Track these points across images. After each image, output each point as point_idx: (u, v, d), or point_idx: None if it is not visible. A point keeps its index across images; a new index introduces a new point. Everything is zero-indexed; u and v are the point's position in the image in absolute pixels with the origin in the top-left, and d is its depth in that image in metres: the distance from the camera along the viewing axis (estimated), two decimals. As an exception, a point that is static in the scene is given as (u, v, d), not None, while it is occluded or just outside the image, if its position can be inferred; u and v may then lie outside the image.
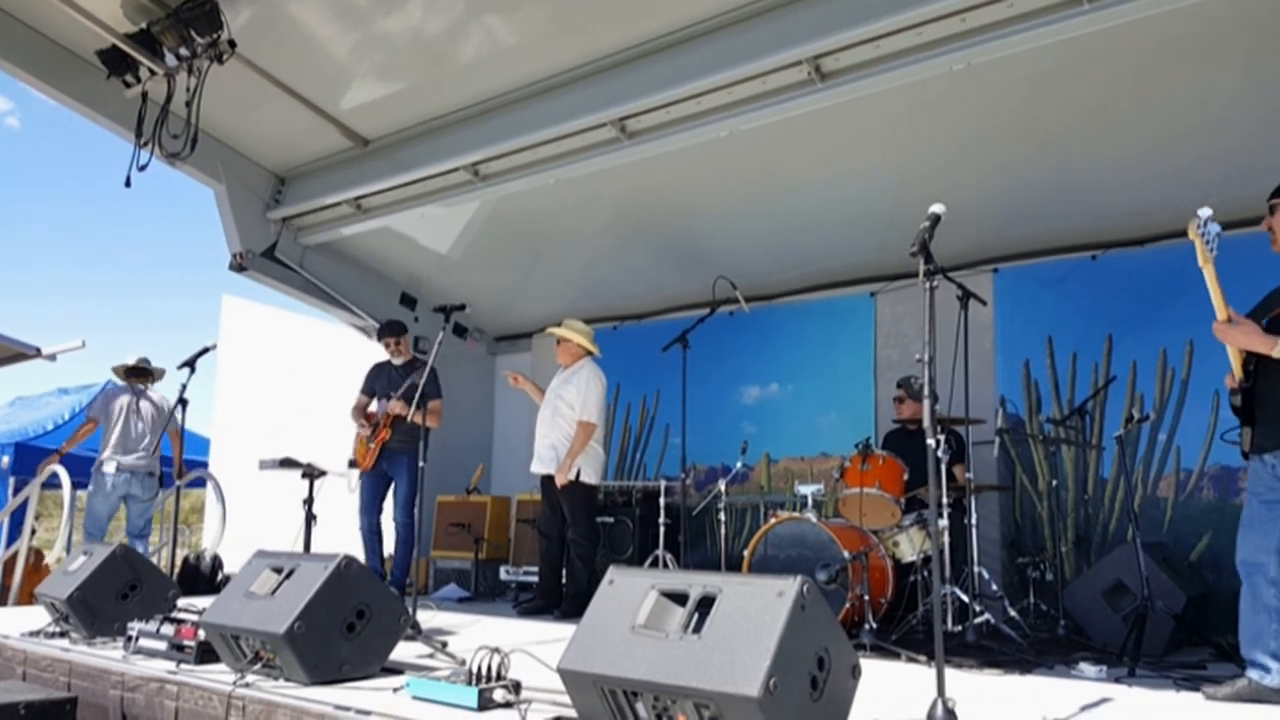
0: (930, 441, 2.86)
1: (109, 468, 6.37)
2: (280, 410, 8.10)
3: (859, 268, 6.66)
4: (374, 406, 6.30)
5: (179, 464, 6.59)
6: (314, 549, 4.57)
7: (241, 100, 5.97)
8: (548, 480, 5.78)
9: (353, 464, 5.10)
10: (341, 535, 5.94)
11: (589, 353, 5.90)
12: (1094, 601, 4.70)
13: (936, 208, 3.03)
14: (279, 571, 3.55)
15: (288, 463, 4.70)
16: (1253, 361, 3.28)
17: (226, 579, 6.40)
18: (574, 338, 5.86)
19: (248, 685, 3.18)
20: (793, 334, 7.11)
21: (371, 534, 6.21)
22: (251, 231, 6.83)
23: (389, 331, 6.37)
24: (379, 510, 6.20)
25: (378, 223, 6.64)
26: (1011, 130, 5.09)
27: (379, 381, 6.34)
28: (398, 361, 6.34)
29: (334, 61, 5.57)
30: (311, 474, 4.68)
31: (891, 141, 5.31)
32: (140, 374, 6.77)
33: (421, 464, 4.64)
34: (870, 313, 6.78)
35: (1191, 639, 4.49)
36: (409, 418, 5.83)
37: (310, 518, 4.64)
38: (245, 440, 7.74)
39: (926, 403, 2.83)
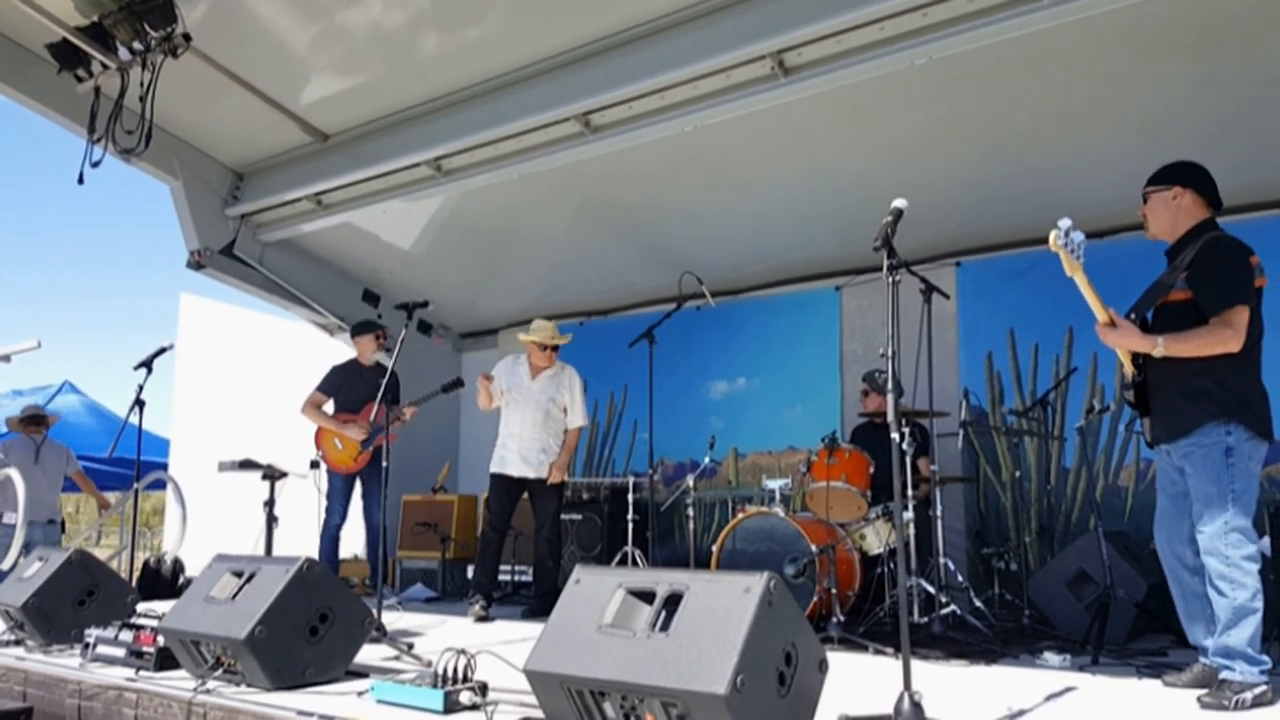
0: (894, 435, 2.87)
1: (8, 519, 6.35)
2: (241, 410, 7.98)
3: (824, 262, 6.69)
4: (330, 406, 6.22)
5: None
6: (276, 551, 4.50)
7: (198, 95, 5.86)
8: (520, 481, 5.63)
9: (315, 464, 5.02)
10: (304, 537, 5.86)
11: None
12: (1058, 591, 4.75)
13: (899, 202, 3.04)
14: (240, 575, 3.50)
15: (248, 464, 4.63)
16: (1141, 356, 3.34)
17: (188, 582, 6.29)
18: (559, 340, 5.81)
19: (208, 692, 3.13)
20: (759, 328, 7.12)
21: (337, 535, 6.15)
22: (209, 228, 6.71)
23: (370, 328, 6.24)
24: (347, 512, 6.16)
25: (339, 219, 6.56)
26: (973, 125, 5.13)
27: (350, 383, 6.15)
28: (369, 363, 6.23)
29: (292, 55, 5.48)
30: (272, 475, 4.61)
31: (855, 136, 5.33)
32: (34, 422, 6.82)
33: (385, 464, 4.62)
34: (835, 307, 6.81)
35: (1153, 626, 4.55)
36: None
37: (271, 520, 4.56)
38: (205, 441, 7.62)
39: (890, 396, 2.84)
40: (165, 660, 3.53)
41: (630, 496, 6.13)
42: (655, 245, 6.80)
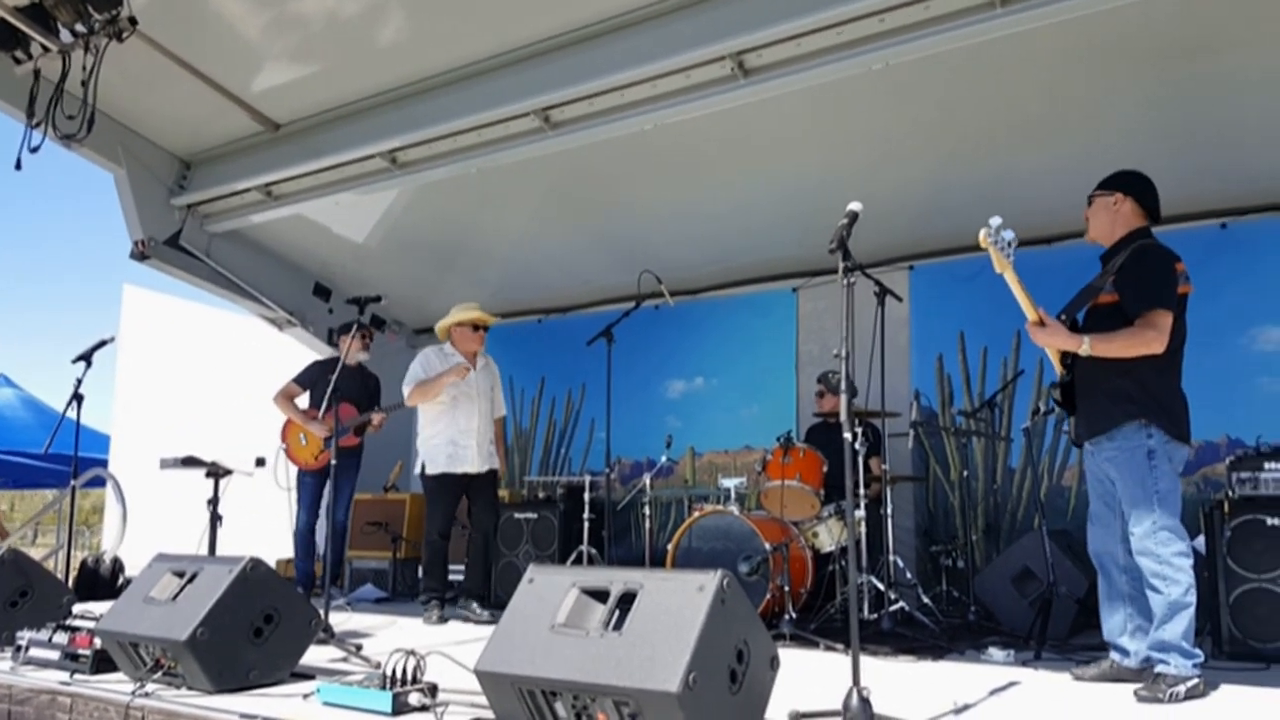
0: (847, 435, 2.90)
1: None
2: (185, 406, 7.82)
3: (781, 263, 6.73)
4: (302, 400, 6.18)
5: None
6: (219, 551, 4.41)
7: (144, 81, 5.70)
8: (468, 478, 5.50)
9: (260, 462, 4.92)
10: (251, 537, 5.76)
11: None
12: (1002, 587, 4.85)
13: (854, 205, 3.07)
14: (181, 575, 3.43)
15: (191, 461, 4.52)
16: (1070, 355, 3.45)
17: (128, 583, 6.15)
18: (490, 320, 5.67)
19: (147, 695, 3.05)
20: (717, 328, 7.15)
21: (310, 533, 6.09)
22: (154, 218, 6.52)
23: (360, 328, 6.10)
24: (319, 510, 6.08)
25: (289, 210, 6.42)
26: (928, 131, 5.20)
27: (327, 380, 5.90)
28: (352, 363, 6.17)
29: (244, 42, 5.36)
30: (216, 473, 4.50)
31: (813, 139, 5.37)
32: None
33: (333, 462, 4.57)
34: (792, 308, 6.85)
35: (1093, 622, 4.61)
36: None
37: (215, 519, 4.46)
38: (148, 437, 7.44)
39: (843, 397, 2.87)
40: (102, 663, 3.43)
41: (587, 495, 6.11)
42: (614, 244, 6.79)
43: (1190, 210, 5.44)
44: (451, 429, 5.50)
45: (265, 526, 6.73)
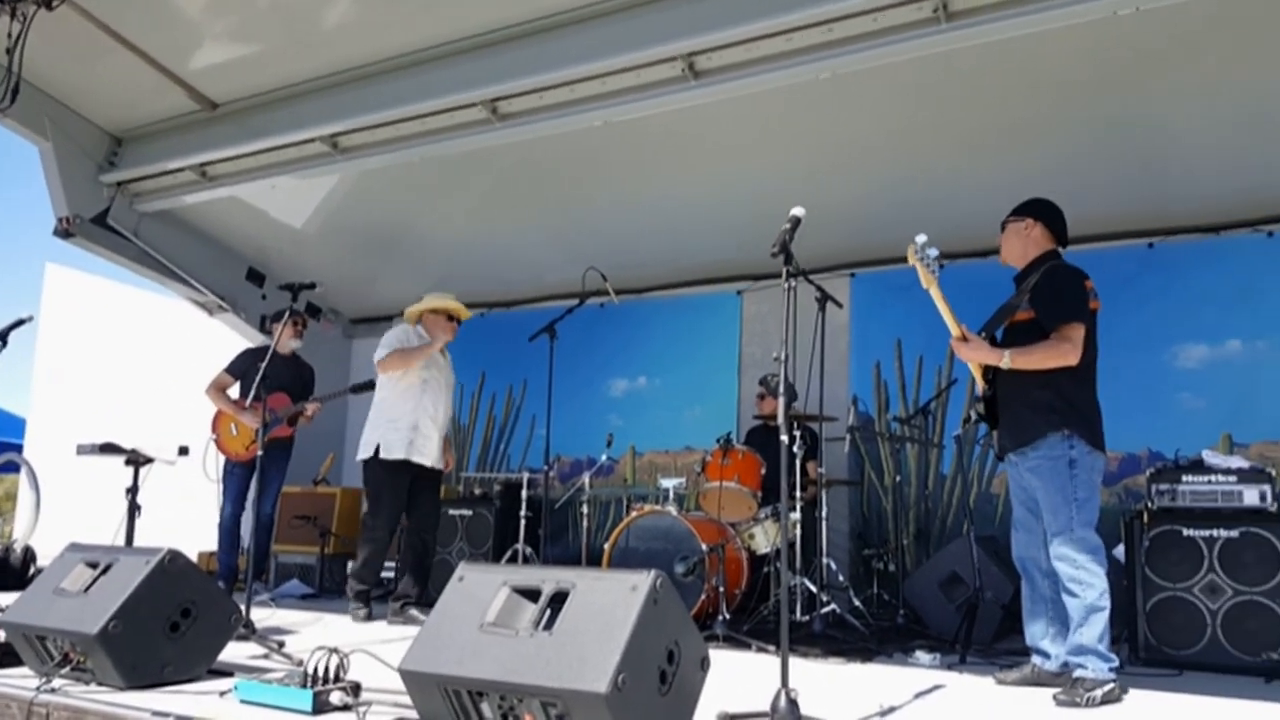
0: (784, 438, 2.91)
1: None
2: (107, 391, 7.55)
3: (726, 265, 6.75)
4: (234, 391, 6.04)
5: None
6: (138, 543, 4.26)
7: (75, 53, 5.49)
8: (423, 471, 5.18)
9: (184, 451, 4.76)
10: (173, 528, 5.58)
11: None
12: (931, 592, 4.93)
13: (797, 210, 3.10)
14: (94, 566, 3.30)
15: (109, 448, 4.35)
16: (992, 371, 3.59)
17: (39, 573, 5.92)
18: (465, 315, 5.46)
19: (54, 691, 2.93)
20: (661, 328, 7.15)
21: (236, 526, 5.95)
22: (81, 195, 6.29)
23: (294, 315, 5.94)
24: (245, 502, 5.93)
25: (224, 192, 6.25)
26: (873, 141, 5.27)
27: (268, 369, 5.86)
28: (285, 351, 6.04)
29: (183, 18, 5.19)
30: (136, 461, 4.34)
31: (761, 143, 5.40)
32: None
33: (260, 453, 4.49)
34: (736, 310, 6.89)
35: (1017, 627, 4.71)
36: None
37: (134, 508, 4.30)
38: (66, 422, 7.17)
39: (780, 400, 2.89)
40: (5, 657, 3.30)
41: (524, 493, 6.05)
42: (561, 239, 6.74)
43: (1120, 229, 5.62)
44: (418, 414, 5.14)
45: (187, 518, 6.53)
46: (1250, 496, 4.15)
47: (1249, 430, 5.19)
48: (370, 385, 5.85)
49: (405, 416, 5.11)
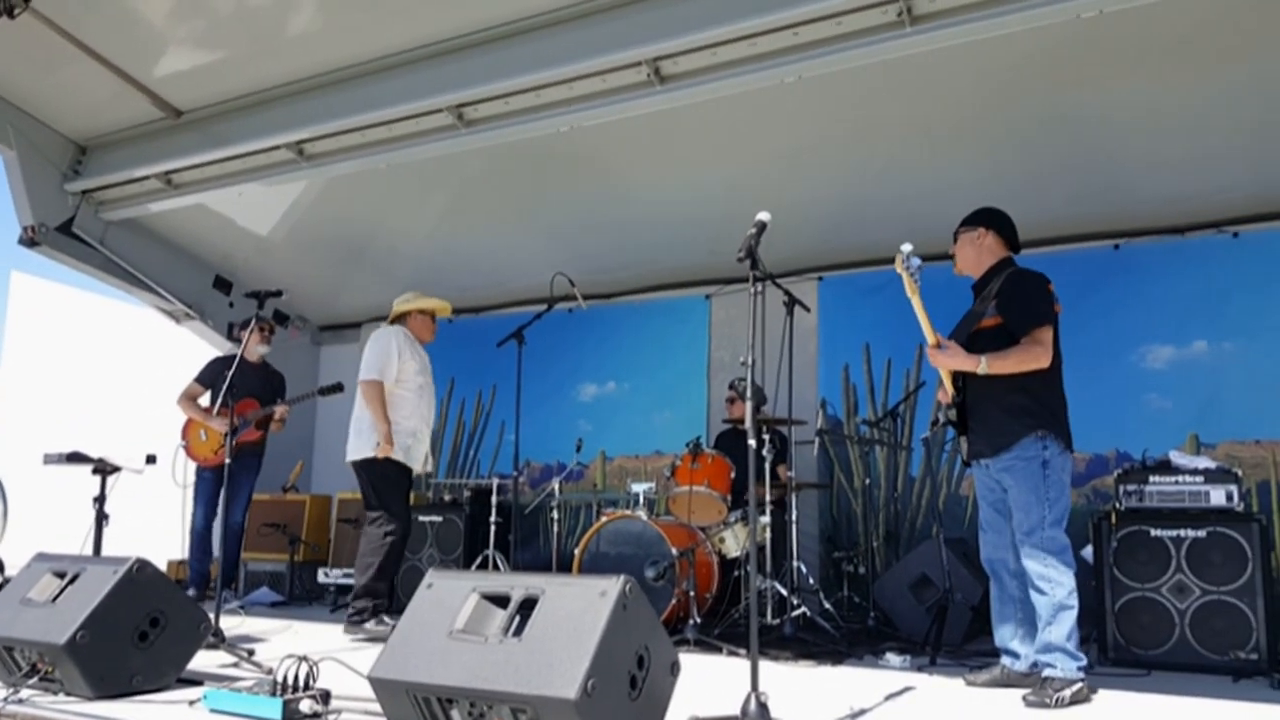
0: (751, 442, 2.94)
1: None
2: (74, 399, 7.46)
3: (695, 270, 6.78)
4: (205, 400, 6.03)
5: None
6: (106, 552, 4.22)
7: (38, 60, 5.44)
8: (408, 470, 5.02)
9: (152, 459, 4.72)
10: (142, 538, 5.53)
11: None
12: (901, 594, 4.97)
13: (762, 215, 3.13)
14: (62, 576, 3.28)
15: (76, 457, 4.32)
16: (961, 377, 3.64)
17: (6, 583, 5.84)
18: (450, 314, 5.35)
19: (21, 701, 2.91)
20: (630, 333, 7.15)
21: (207, 533, 5.90)
22: (46, 203, 6.23)
23: (260, 321, 5.92)
24: (217, 508, 5.88)
25: (190, 199, 6.20)
26: (840, 145, 5.32)
27: (233, 377, 5.79)
28: (253, 358, 6.07)
29: (147, 25, 5.15)
30: (104, 470, 4.31)
31: (729, 148, 5.43)
32: None
33: (228, 461, 4.45)
34: (705, 314, 6.91)
35: (986, 629, 4.76)
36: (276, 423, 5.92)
37: (101, 517, 4.27)
38: (33, 431, 7.08)
39: (748, 404, 2.91)
40: (-28, 669, 3.24)
41: (494, 498, 6.04)
42: (528, 245, 6.74)
43: (1086, 231, 5.69)
44: (415, 420, 4.97)
45: (155, 526, 6.47)
46: (1217, 496, 4.20)
47: (1215, 431, 5.26)
48: (339, 388, 5.82)
49: (405, 422, 4.92)
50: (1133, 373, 5.57)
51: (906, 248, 3.38)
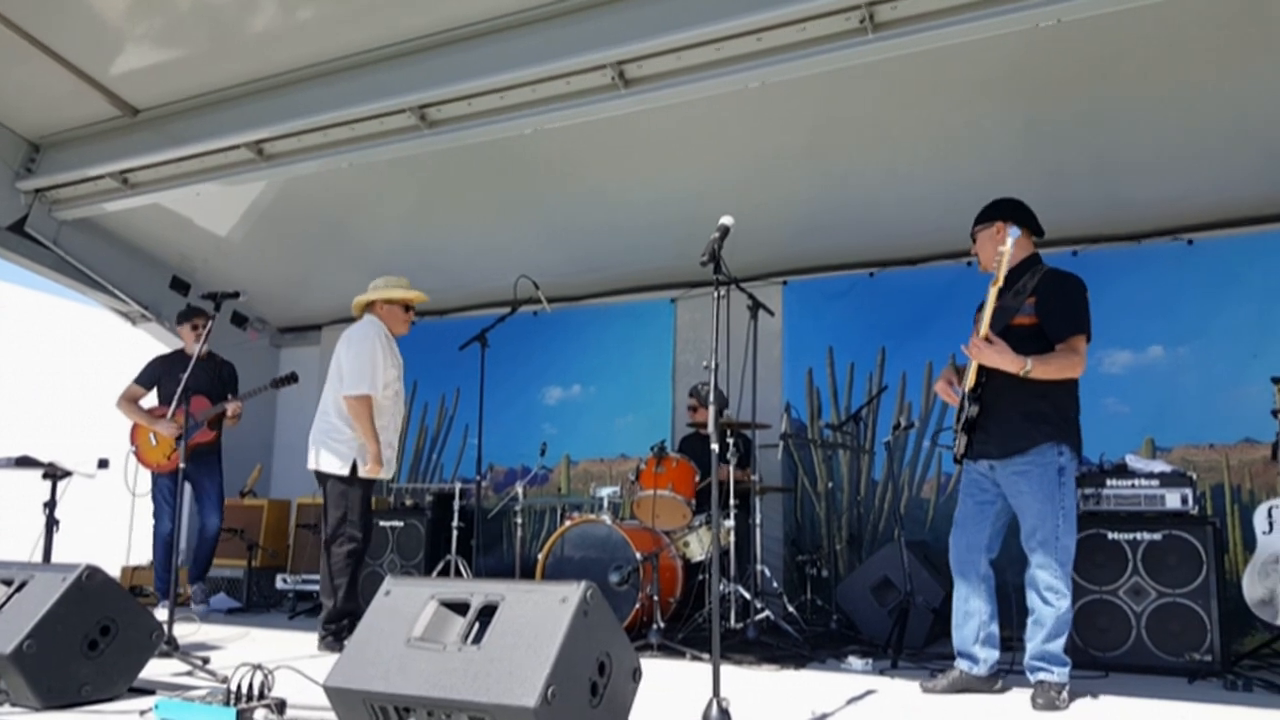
0: (714, 446, 2.93)
1: None
2: (25, 401, 7.29)
3: (660, 273, 6.78)
4: (151, 400, 5.88)
5: None
6: (56, 558, 4.12)
7: (-11, 56, 5.31)
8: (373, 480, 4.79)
9: (104, 464, 4.60)
10: (95, 544, 5.41)
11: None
12: (863, 596, 4.99)
13: (725, 220, 3.13)
14: (9, 584, 3.21)
15: (26, 461, 4.20)
16: (985, 373, 3.52)
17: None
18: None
19: (-38, 715, 2.82)
20: (595, 336, 7.13)
21: (173, 540, 5.74)
22: (-3, 202, 6.10)
23: (192, 315, 5.85)
24: (181, 514, 5.75)
25: (147, 199, 6.08)
26: (803, 150, 5.34)
27: (173, 375, 5.56)
28: (199, 353, 5.85)
29: (103, 22, 5.05)
30: (54, 474, 4.20)
31: (694, 153, 5.44)
32: None
33: (182, 465, 4.38)
34: (670, 318, 6.91)
35: (948, 631, 4.83)
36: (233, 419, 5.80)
37: (51, 523, 4.17)
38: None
39: (711, 409, 2.91)
40: (-87, 680, 3.15)
41: (457, 503, 5.98)
42: (492, 247, 6.70)
43: (1046, 238, 5.76)
44: (390, 430, 4.72)
45: (108, 532, 6.34)
46: (1172, 500, 4.24)
47: (1171, 434, 5.33)
48: (293, 378, 5.70)
49: (383, 434, 4.63)
50: (1090, 377, 5.53)
51: (1015, 232, 3.39)
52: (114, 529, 6.43)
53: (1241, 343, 5.22)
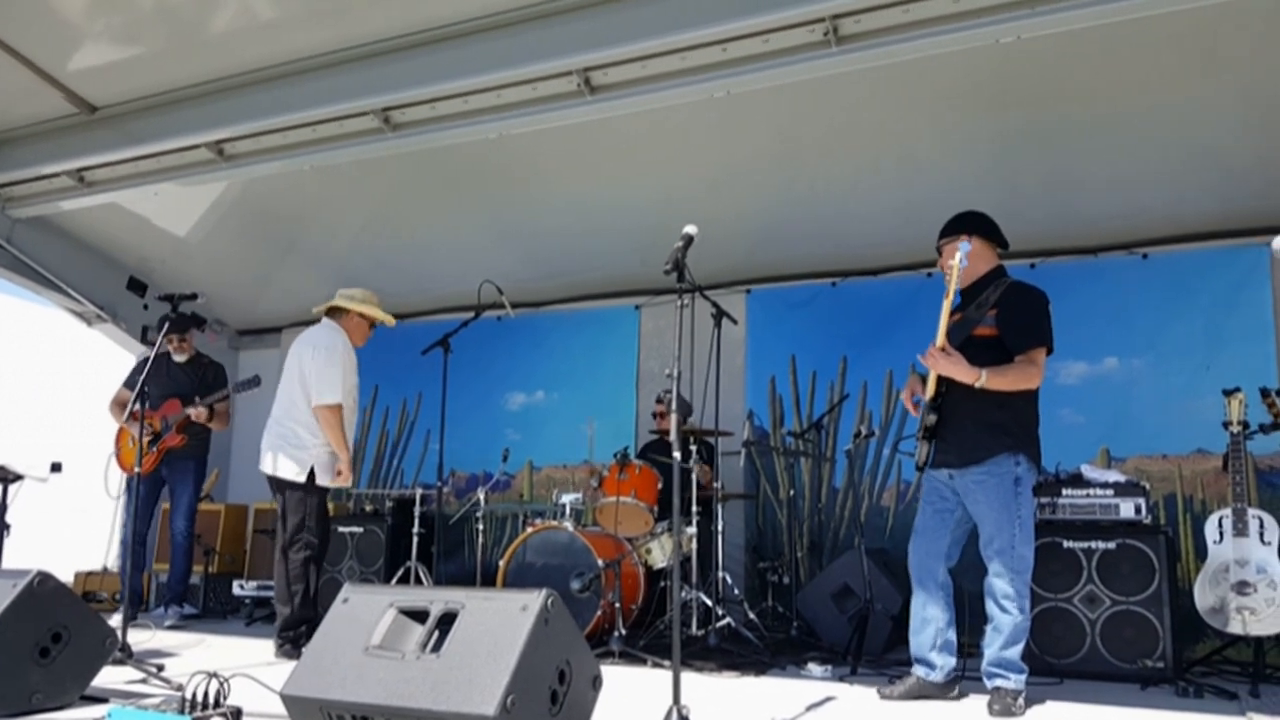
0: (676, 454, 2.95)
1: None
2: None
3: (624, 280, 6.78)
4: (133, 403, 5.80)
5: None
6: (7, 564, 4.04)
7: (-63, 49, 5.18)
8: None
9: (57, 467, 4.51)
10: (49, 549, 5.30)
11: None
12: (823, 603, 5.03)
13: (689, 229, 3.16)
14: (-46, 592, 3.10)
15: (-27, 465, 4.12)
16: (945, 383, 3.57)
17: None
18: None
19: (-95, 726, 2.74)
20: (559, 342, 7.12)
21: (141, 545, 5.71)
22: (-54, 199, 5.96)
23: (175, 328, 5.79)
24: (151, 518, 5.66)
25: (104, 198, 5.96)
26: (768, 160, 5.39)
27: (153, 378, 5.36)
28: (180, 358, 5.93)
29: (61, 18, 4.94)
30: (4, 478, 4.12)
31: (659, 161, 5.46)
32: None
33: (137, 470, 4.34)
34: (634, 325, 6.92)
35: (906, 638, 4.88)
36: (208, 422, 5.78)
37: (2, 528, 4.08)
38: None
39: (673, 416, 2.93)
40: None
41: (417, 509, 5.94)
42: (456, 251, 6.66)
43: (1005, 250, 5.87)
44: (351, 437, 4.79)
45: (61, 536, 6.21)
46: (1126, 509, 4.33)
47: (1126, 444, 5.42)
48: (255, 382, 5.65)
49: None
50: (1047, 387, 5.60)
51: (966, 247, 3.41)
52: (68, 534, 6.30)
53: (1194, 355, 5.33)
